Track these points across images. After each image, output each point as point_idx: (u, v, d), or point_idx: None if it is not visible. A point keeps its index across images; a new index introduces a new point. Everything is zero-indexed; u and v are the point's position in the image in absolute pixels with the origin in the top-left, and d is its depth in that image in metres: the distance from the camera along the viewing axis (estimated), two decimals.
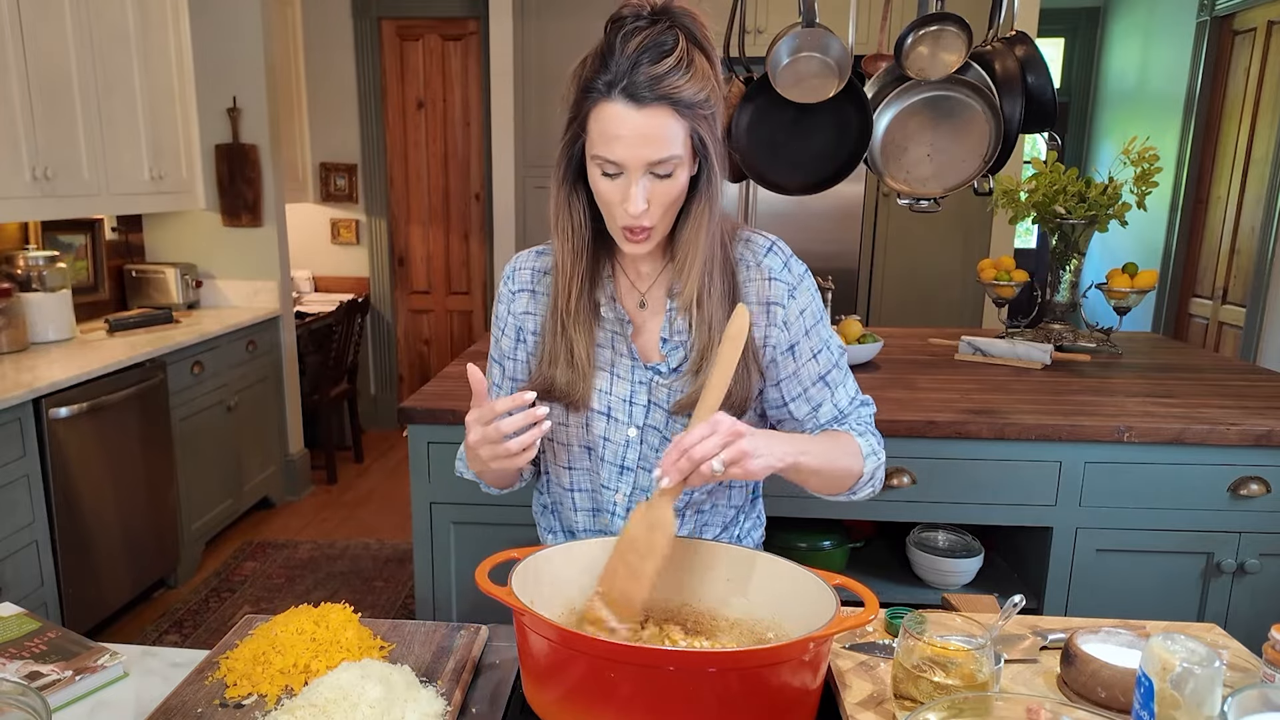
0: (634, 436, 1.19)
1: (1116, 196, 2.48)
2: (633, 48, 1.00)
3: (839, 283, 3.21)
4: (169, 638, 2.93)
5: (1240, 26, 4.35)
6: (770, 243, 1.20)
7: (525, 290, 1.23)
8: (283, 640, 1.02)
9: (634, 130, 1.01)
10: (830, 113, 2.23)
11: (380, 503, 4.20)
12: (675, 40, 1.01)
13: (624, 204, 1.05)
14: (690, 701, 0.83)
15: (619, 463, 1.21)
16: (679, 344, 1.17)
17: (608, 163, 1.03)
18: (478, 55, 4.87)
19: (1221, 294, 4.43)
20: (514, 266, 1.25)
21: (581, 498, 1.26)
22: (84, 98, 3.08)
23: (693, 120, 1.03)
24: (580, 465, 1.24)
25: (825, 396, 1.21)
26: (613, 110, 1.01)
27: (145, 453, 3.07)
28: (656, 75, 0.99)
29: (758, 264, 1.18)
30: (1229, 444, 1.89)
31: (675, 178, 1.05)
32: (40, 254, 3.11)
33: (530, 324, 1.23)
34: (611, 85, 1.00)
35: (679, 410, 1.16)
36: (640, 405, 1.18)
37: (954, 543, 2.14)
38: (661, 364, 1.18)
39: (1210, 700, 0.78)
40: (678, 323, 1.17)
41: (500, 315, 1.26)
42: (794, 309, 1.18)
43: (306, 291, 5.15)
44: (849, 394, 1.23)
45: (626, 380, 1.18)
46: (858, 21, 3.78)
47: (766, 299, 1.17)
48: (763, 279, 1.17)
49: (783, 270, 1.18)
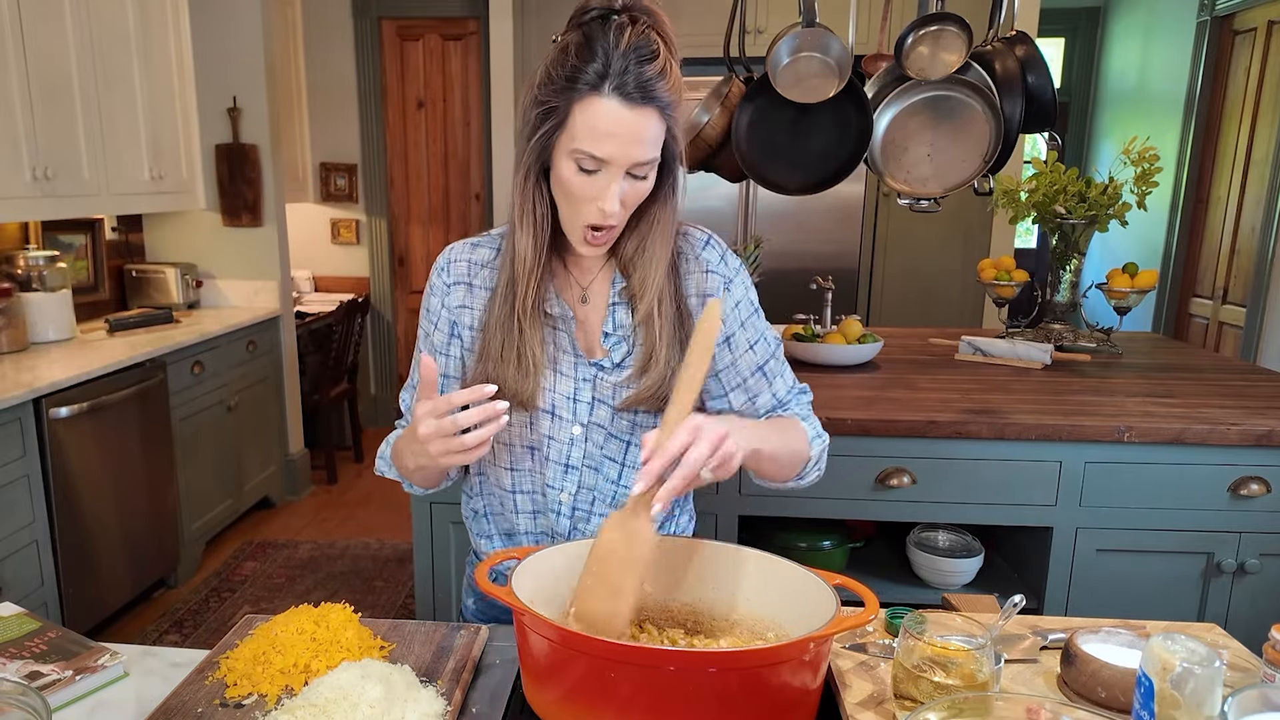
0: (578, 434, 1.17)
1: (1117, 196, 2.48)
2: (624, 45, 0.99)
3: (839, 283, 3.21)
4: (169, 638, 2.93)
5: (1240, 26, 4.35)
6: (707, 236, 1.21)
7: (462, 283, 1.19)
8: (283, 640, 1.02)
9: (624, 129, 1.00)
10: (830, 113, 2.24)
11: (380, 503, 4.20)
12: (657, 43, 1.00)
13: (598, 201, 1.03)
14: (690, 701, 0.83)
15: (564, 461, 1.19)
16: (621, 338, 1.16)
17: (590, 158, 1.01)
18: (478, 55, 4.87)
19: (1222, 294, 4.43)
20: (448, 258, 1.20)
21: (523, 499, 1.23)
22: (84, 98, 3.08)
23: (670, 124, 1.04)
24: (523, 466, 1.21)
25: (763, 387, 1.22)
26: (605, 106, 0.99)
27: (145, 453, 3.07)
28: (647, 78, 0.99)
29: (695, 257, 1.19)
30: (1229, 444, 1.89)
31: (648, 179, 1.06)
32: (40, 254, 3.11)
33: (466, 318, 1.18)
34: (603, 79, 0.99)
35: (627, 406, 1.15)
36: (584, 402, 1.17)
37: (954, 543, 2.14)
38: (605, 359, 1.16)
39: (1210, 700, 0.78)
40: (620, 316, 1.16)
41: (433, 308, 1.20)
42: (729, 301, 1.19)
43: (306, 291, 5.15)
44: (786, 384, 1.24)
45: (570, 377, 1.16)
46: (858, 21, 3.78)
47: (704, 291, 1.18)
48: (700, 271, 1.18)
49: (719, 263, 1.19)
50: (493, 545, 1.28)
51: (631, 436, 1.18)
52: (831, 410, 1.98)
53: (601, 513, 1.21)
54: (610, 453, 1.19)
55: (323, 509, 4.12)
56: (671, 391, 1.00)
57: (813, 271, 3.39)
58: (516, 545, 1.25)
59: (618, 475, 1.20)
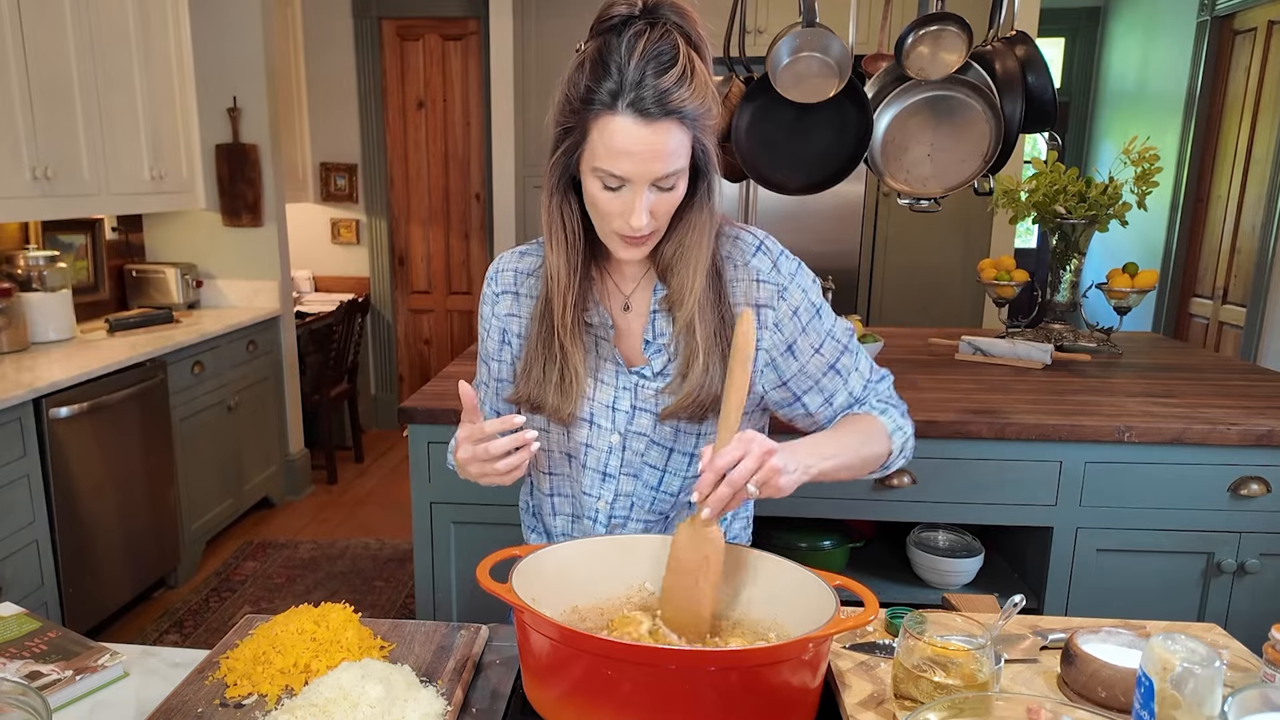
0: (616, 443, 1.17)
1: (1117, 196, 2.48)
2: (638, 56, 0.96)
3: (839, 283, 3.21)
4: (169, 638, 2.93)
5: (1240, 26, 4.35)
6: (759, 242, 1.17)
7: (509, 292, 1.22)
8: (283, 640, 1.02)
9: (642, 146, 0.98)
10: (830, 113, 2.23)
11: (380, 503, 4.20)
12: (677, 47, 0.97)
13: (625, 216, 1.03)
14: (690, 700, 0.83)
15: (601, 469, 1.18)
16: (662, 346, 1.15)
17: (611, 176, 1.00)
18: (478, 55, 4.87)
19: (1222, 294, 4.43)
20: (497, 268, 1.24)
21: (561, 503, 1.24)
22: (84, 98, 3.08)
23: (696, 130, 1.01)
24: (560, 471, 1.22)
25: (838, 385, 1.19)
26: (620, 124, 0.97)
27: (145, 453, 3.07)
28: (664, 89, 0.96)
29: (745, 264, 1.15)
30: (1229, 444, 1.89)
31: (677, 189, 1.04)
32: (40, 254, 3.11)
33: (515, 326, 1.21)
34: (616, 96, 0.97)
35: (668, 416, 1.14)
36: (624, 411, 1.16)
37: (954, 543, 2.14)
38: (645, 368, 1.15)
39: (1210, 700, 0.78)
40: (661, 324, 1.15)
41: (485, 316, 1.25)
42: (785, 310, 1.15)
43: (307, 291, 5.15)
44: (863, 377, 1.20)
45: (610, 386, 1.16)
46: (858, 21, 3.78)
47: (755, 300, 1.15)
48: (750, 280, 1.15)
49: (771, 271, 1.15)
50: (538, 540, 1.30)
51: (675, 444, 1.17)
52: None
53: (640, 519, 1.21)
54: (651, 460, 1.18)
55: (323, 509, 4.12)
56: (721, 404, 1.01)
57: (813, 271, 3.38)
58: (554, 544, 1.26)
59: (658, 482, 1.19)
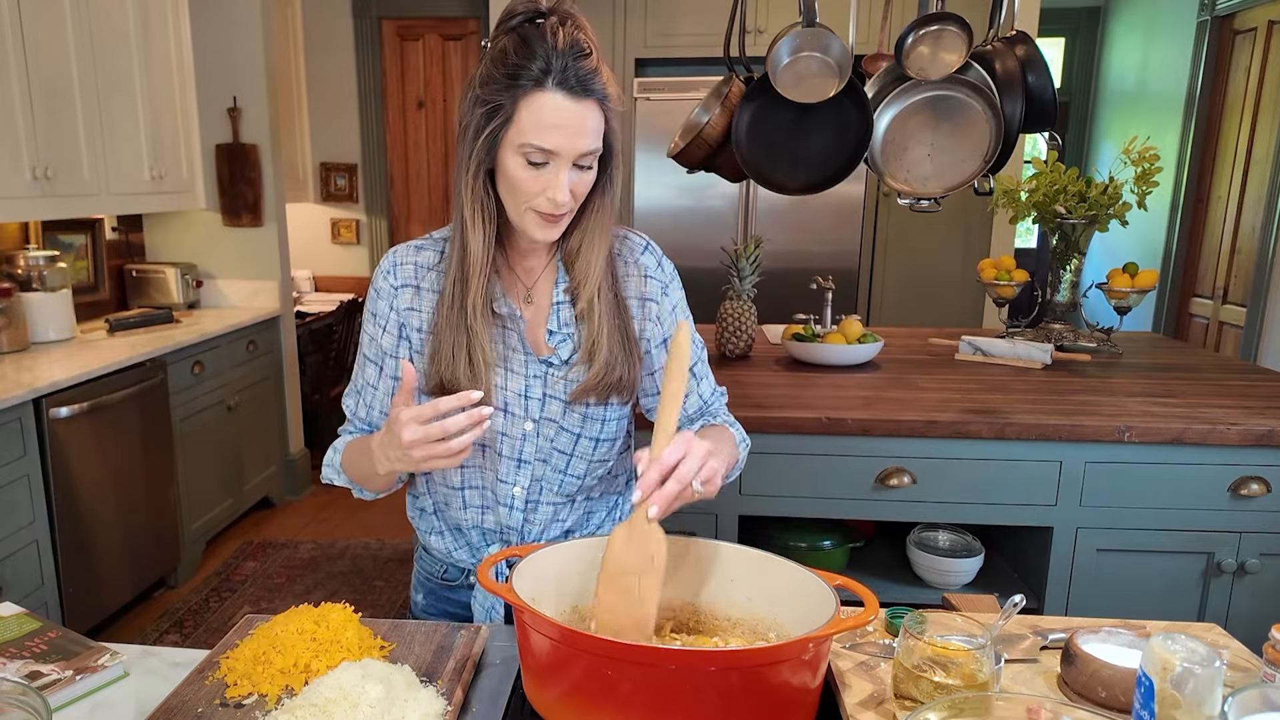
0: (530, 430, 1.20)
1: (1117, 196, 2.48)
2: (561, 43, 1.03)
3: (839, 283, 3.21)
4: (169, 637, 2.93)
5: (1240, 26, 4.36)
6: (645, 242, 1.27)
7: (409, 286, 1.21)
8: (283, 640, 1.02)
9: (570, 120, 1.04)
10: (830, 112, 2.23)
11: (380, 503, 4.19)
12: (587, 42, 1.06)
13: (547, 193, 1.07)
14: (690, 700, 0.83)
15: (516, 456, 1.21)
16: (566, 335, 1.20)
17: (538, 151, 1.05)
18: (478, 55, 4.86)
19: (1222, 294, 4.43)
20: (394, 261, 1.22)
21: (473, 494, 1.25)
22: (84, 98, 3.08)
23: (608, 116, 1.09)
24: (473, 463, 1.22)
25: (692, 387, 1.29)
26: (550, 100, 1.04)
27: (145, 453, 3.07)
28: (586, 72, 1.04)
29: (635, 260, 1.25)
30: (1229, 444, 1.89)
31: (592, 170, 1.11)
32: (40, 254, 3.12)
33: (415, 320, 1.20)
34: (546, 75, 1.03)
35: (577, 398, 1.19)
36: (536, 399, 1.20)
37: (954, 543, 2.14)
38: (552, 356, 1.20)
39: (1210, 700, 0.78)
40: (564, 315, 1.20)
41: (380, 312, 1.22)
42: (667, 305, 1.25)
43: (307, 291, 5.15)
44: (711, 385, 1.32)
45: (521, 375, 1.19)
46: (858, 21, 3.78)
47: (643, 295, 1.24)
48: (640, 275, 1.24)
49: (656, 269, 1.25)
50: (443, 540, 1.30)
51: (582, 429, 1.22)
52: (832, 410, 1.98)
53: (549, 501, 1.25)
54: (560, 445, 1.22)
55: (323, 509, 4.12)
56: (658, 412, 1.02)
57: (813, 271, 3.39)
58: (465, 539, 1.29)
59: (565, 465, 1.24)
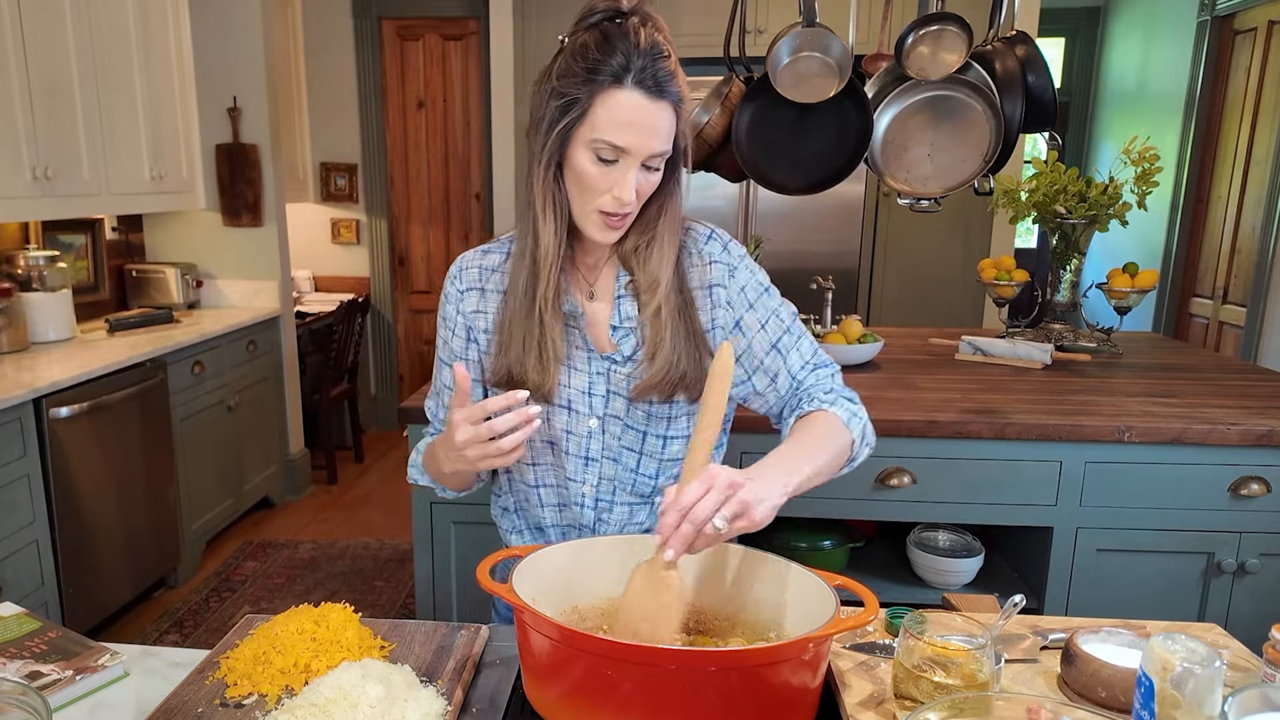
0: (595, 427, 1.20)
1: (1117, 196, 2.48)
2: (643, 42, 1.03)
3: (839, 283, 3.21)
4: (169, 638, 2.93)
5: (1241, 26, 4.35)
6: (710, 230, 1.24)
7: (474, 289, 1.23)
8: (283, 640, 1.02)
9: (647, 121, 1.04)
10: (831, 112, 2.23)
11: (380, 503, 4.20)
12: (666, 45, 1.06)
13: (614, 190, 1.07)
14: (690, 700, 0.83)
15: (583, 454, 1.21)
16: (629, 330, 1.19)
17: (610, 147, 1.05)
18: (478, 55, 4.87)
19: (1222, 294, 4.43)
20: (460, 266, 1.25)
21: (547, 493, 1.26)
22: (84, 98, 3.08)
23: (679, 120, 1.09)
24: (544, 460, 1.24)
25: (780, 365, 1.21)
26: (626, 97, 1.03)
27: (145, 453, 3.07)
28: (666, 73, 1.04)
29: (698, 251, 1.22)
30: (1229, 444, 1.89)
31: (659, 172, 1.10)
32: (41, 254, 3.11)
33: (481, 323, 1.23)
34: (625, 72, 1.03)
35: (639, 396, 1.17)
36: (599, 395, 1.19)
37: (954, 543, 2.14)
38: (615, 353, 1.19)
39: (1210, 700, 0.78)
40: (626, 309, 1.19)
41: (449, 316, 1.25)
42: (734, 286, 1.21)
43: (307, 291, 5.15)
44: (803, 358, 1.22)
45: (584, 372, 1.19)
46: (858, 21, 3.78)
47: (708, 282, 1.21)
48: (704, 264, 1.21)
49: (722, 253, 1.22)
50: (523, 539, 1.30)
51: (647, 427, 1.20)
52: None
53: (624, 501, 1.23)
54: (628, 443, 1.21)
55: (323, 509, 4.12)
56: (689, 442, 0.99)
57: (813, 271, 3.39)
58: (545, 538, 1.28)
59: (636, 464, 1.22)
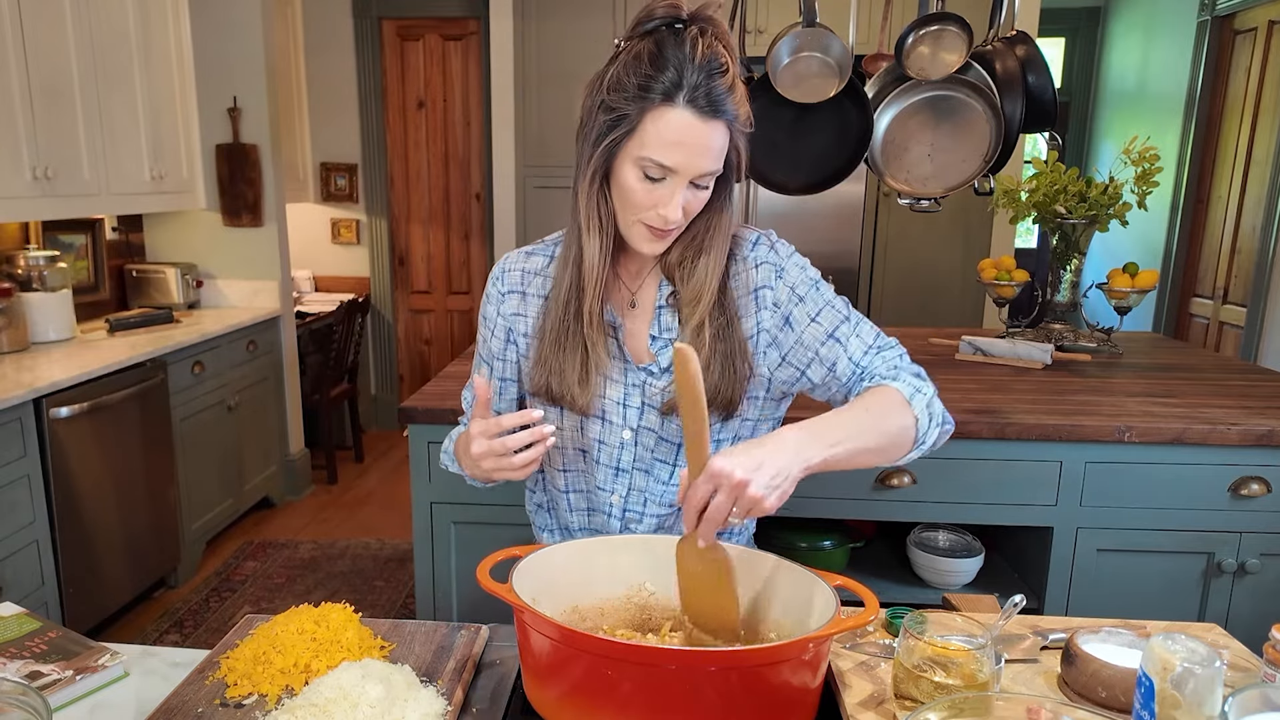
0: (628, 439, 1.19)
1: (1117, 196, 2.48)
2: (698, 58, 1.00)
3: (839, 283, 3.21)
4: (169, 638, 2.93)
5: (1241, 26, 4.35)
6: (757, 235, 1.21)
7: (515, 291, 1.23)
8: (283, 640, 1.02)
9: (697, 140, 1.02)
10: (831, 112, 2.23)
11: (380, 503, 4.20)
12: (725, 56, 1.02)
13: (659, 208, 1.05)
14: (690, 700, 0.83)
15: (614, 465, 1.21)
16: (667, 342, 1.17)
17: (657, 166, 1.03)
18: (478, 55, 4.87)
19: (1222, 294, 4.43)
20: (503, 267, 1.25)
21: (576, 499, 1.26)
22: (84, 98, 3.08)
23: (735, 138, 1.06)
24: (575, 467, 1.24)
25: (839, 353, 1.17)
26: (677, 116, 1.01)
27: (145, 453, 3.07)
28: (721, 92, 1.01)
29: (743, 258, 1.19)
30: (1229, 444, 1.89)
31: (708, 189, 1.08)
32: (41, 254, 3.11)
33: (521, 325, 1.22)
34: (677, 90, 1.00)
35: (671, 410, 1.16)
36: (634, 407, 1.18)
37: (954, 543, 2.14)
38: (653, 364, 1.17)
39: (1211, 700, 0.78)
40: (666, 320, 1.18)
41: (489, 316, 1.25)
42: (783, 286, 1.18)
43: (307, 291, 5.15)
44: (864, 343, 1.18)
45: (619, 383, 1.18)
46: (858, 21, 3.78)
47: (754, 286, 1.17)
48: (749, 269, 1.18)
49: (769, 254, 1.19)
50: (553, 539, 1.31)
51: (682, 439, 1.18)
52: None
53: (653, 514, 1.22)
54: (661, 455, 1.20)
55: (323, 509, 4.12)
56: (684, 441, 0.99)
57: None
58: (573, 540, 1.25)
59: (669, 477, 1.21)
